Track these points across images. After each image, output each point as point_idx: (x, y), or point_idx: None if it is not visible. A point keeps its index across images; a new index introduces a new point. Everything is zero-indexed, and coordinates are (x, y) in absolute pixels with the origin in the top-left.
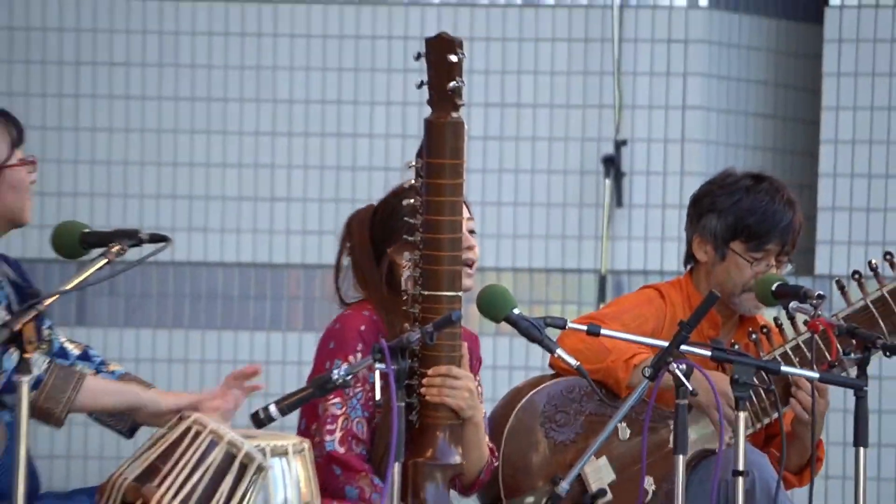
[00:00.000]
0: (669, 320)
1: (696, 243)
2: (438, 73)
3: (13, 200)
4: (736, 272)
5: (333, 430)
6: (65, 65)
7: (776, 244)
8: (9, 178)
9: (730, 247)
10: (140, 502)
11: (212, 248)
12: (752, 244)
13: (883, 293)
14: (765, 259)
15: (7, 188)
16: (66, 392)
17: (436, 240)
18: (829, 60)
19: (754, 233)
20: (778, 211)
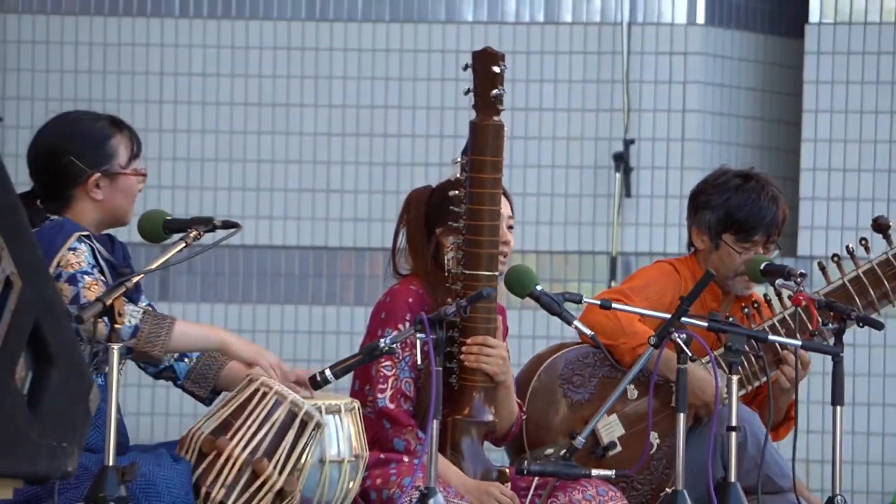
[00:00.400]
0: (684, 291)
1: (695, 233)
2: (483, 81)
3: (122, 203)
4: (728, 260)
5: (385, 388)
6: (150, 74)
7: (762, 236)
8: (122, 183)
9: (722, 238)
10: (214, 453)
11: (276, 233)
12: (740, 236)
13: (858, 273)
14: (752, 248)
15: (119, 191)
16: (161, 335)
17: (477, 226)
18: (809, 70)
19: (742, 227)
20: (763, 207)
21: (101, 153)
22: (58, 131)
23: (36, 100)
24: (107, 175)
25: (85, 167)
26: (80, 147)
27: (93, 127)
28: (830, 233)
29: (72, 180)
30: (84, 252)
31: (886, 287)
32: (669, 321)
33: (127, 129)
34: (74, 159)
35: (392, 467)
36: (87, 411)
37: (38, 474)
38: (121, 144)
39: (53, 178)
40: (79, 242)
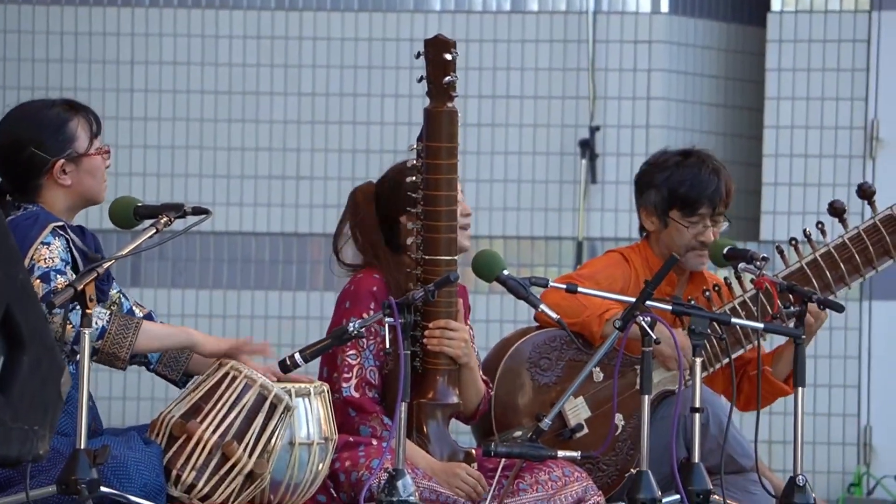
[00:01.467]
0: (634, 280)
1: (644, 215)
2: (436, 69)
3: (91, 184)
4: (678, 236)
5: (349, 377)
6: (121, 63)
7: (707, 208)
8: (87, 164)
9: (669, 216)
10: (185, 436)
11: (246, 219)
12: (686, 211)
13: (816, 256)
14: (700, 222)
15: (85, 174)
16: (128, 337)
17: (434, 212)
18: (771, 57)
19: (686, 201)
20: (704, 179)
21: (62, 139)
22: (15, 124)
23: (8, 88)
24: (70, 160)
25: (47, 156)
26: (39, 136)
27: (49, 114)
28: (792, 218)
29: (37, 170)
30: (58, 247)
31: (842, 270)
32: (634, 305)
33: (83, 109)
34: (36, 150)
35: (361, 450)
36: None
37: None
38: (79, 127)
39: (19, 170)
40: (53, 236)
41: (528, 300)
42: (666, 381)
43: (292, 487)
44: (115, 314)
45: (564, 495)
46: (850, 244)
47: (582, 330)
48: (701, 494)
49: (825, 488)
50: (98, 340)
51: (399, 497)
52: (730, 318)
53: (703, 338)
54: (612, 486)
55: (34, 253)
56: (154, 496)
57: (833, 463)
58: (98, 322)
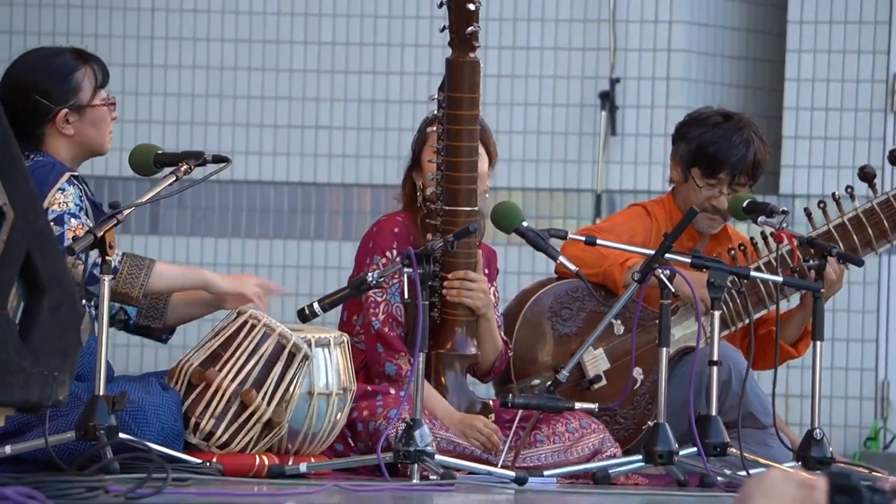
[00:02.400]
0: (655, 233)
1: (672, 165)
2: (458, 18)
3: (94, 135)
4: (693, 194)
5: (377, 312)
6: (142, 10)
7: (727, 174)
8: (91, 115)
9: (690, 172)
10: (204, 384)
11: (265, 168)
12: (706, 172)
13: (843, 220)
14: (717, 186)
15: (89, 124)
16: (140, 277)
17: (455, 162)
18: (793, 9)
19: (710, 162)
20: (733, 146)
21: (66, 88)
22: (21, 70)
23: (29, 34)
24: (74, 109)
25: (51, 104)
26: (44, 85)
27: (55, 62)
28: (812, 171)
29: (40, 118)
30: (72, 194)
31: (870, 234)
32: (653, 257)
33: (92, 59)
34: (40, 98)
35: (378, 399)
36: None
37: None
38: (85, 77)
39: (23, 117)
40: (68, 184)
41: (547, 252)
42: (686, 338)
43: (310, 437)
44: (127, 254)
45: (581, 447)
46: (879, 209)
47: (605, 279)
48: (718, 447)
49: (842, 442)
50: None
51: (416, 446)
52: (748, 270)
53: (721, 290)
54: (630, 440)
55: (50, 198)
56: (172, 441)
57: (850, 417)
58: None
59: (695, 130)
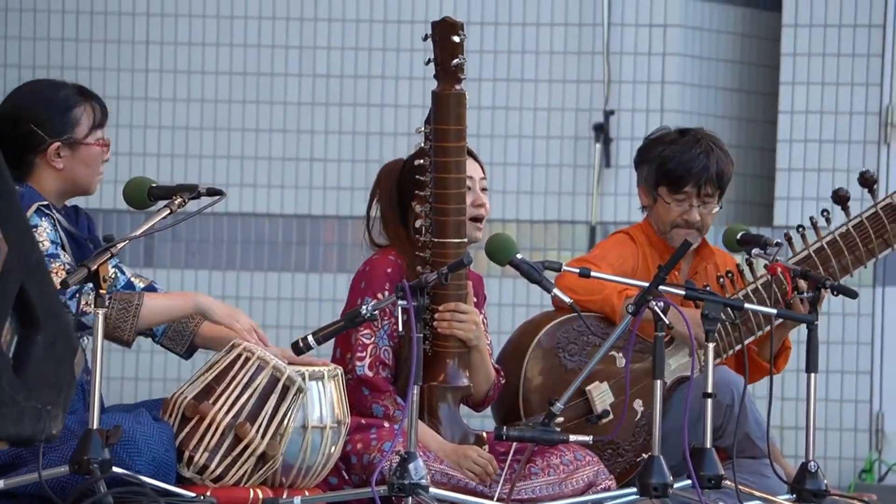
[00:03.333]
0: (641, 257)
1: (641, 192)
2: (444, 51)
3: (83, 173)
4: (665, 213)
5: (363, 356)
6: (136, 43)
7: (692, 186)
8: (83, 153)
9: (657, 192)
10: (197, 418)
11: (260, 201)
12: (672, 187)
13: (822, 244)
14: (686, 200)
15: (80, 161)
16: (128, 319)
17: (443, 194)
18: (787, 42)
19: (673, 177)
20: (693, 157)
21: (63, 122)
22: (21, 98)
23: (23, 67)
24: (67, 144)
25: (45, 135)
26: (41, 115)
27: (56, 95)
28: (806, 203)
29: (32, 147)
30: (45, 229)
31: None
32: (647, 289)
33: (93, 98)
34: (35, 127)
35: (372, 432)
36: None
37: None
38: (84, 114)
39: (14, 144)
40: (38, 216)
41: (542, 284)
42: (683, 367)
43: (304, 470)
44: (115, 297)
45: (576, 479)
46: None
47: (603, 306)
48: (713, 479)
49: (837, 474)
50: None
51: (410, 480)
52: (743, 303)
53: (715, 323)
54: (632, 471)
55: None
56: (164, 472)
57: (845, 449)
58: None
59: (654, 151)
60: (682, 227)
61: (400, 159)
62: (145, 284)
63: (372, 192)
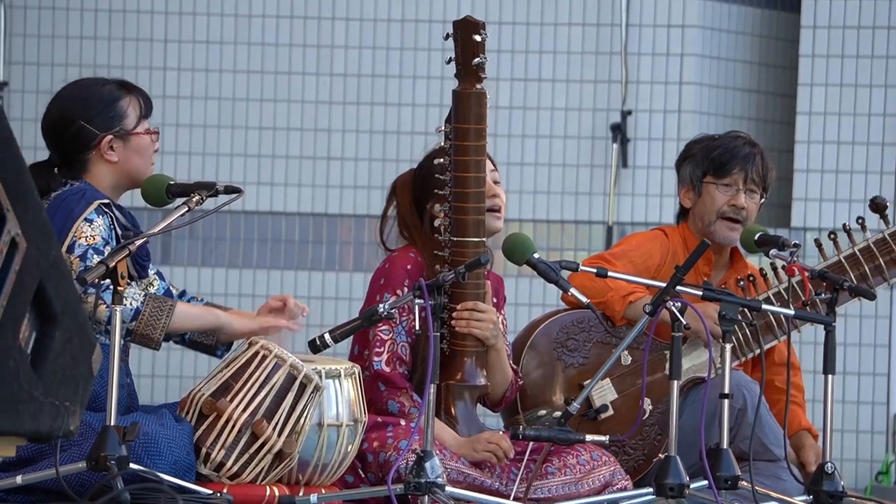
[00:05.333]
0: (672, 254)
1: (682, 194)
2: (465, 50)
3: (137, 163)
4: (710, 202)
5: (381, 351)
6: (155, 41)
7: (739, 171)
8: (135, 143)
9: (703, 182)
10: (215, 415)
11: (277, 199)
12: (718, 173)
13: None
14: (733, 185)
15: (133, 152)
16: (161, 319)
17: (463, 193)
18: (805, 43)
19: (719, 164)
20: (738, 146)
21: (111, 115)
22: (67, 98)
23: (41, 65)
24: (119, 136)
25: (96, 130)
26: (89, 111)
27: (101, 91)
28: (824, 205)
29: (85, 144)
30: (100, 225)
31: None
32: (664, 290)
33: (135, 90)
34: (85, 123)
35: (389, 430)
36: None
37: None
38: (130, 106)
39: (67, 144)
40: (97, 213)
41: (559, 284)
42: (696, 368)
43: (321, 468)
44: (150, 296)
45: (592, 479)
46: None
47: (605, 310)
48: (729, 480)
49: (853, 476)
50: (132, 322)
51: (426, 478)
52: (760, 304)
53: (733, 323)
54: (639, 471)
55: (76, 229)
56: (184, 473)
57: (861, 451)
58: (132, 303)
59: (696, 148)
60: (728, 217)
61: (412, 169)
62: (177, 293)
63: (388, 200)
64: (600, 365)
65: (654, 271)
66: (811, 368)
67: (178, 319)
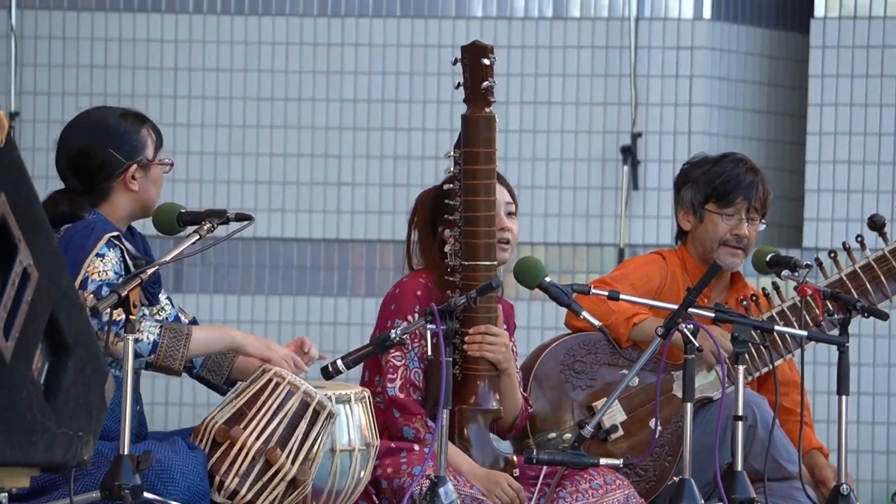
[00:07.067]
0: (671, 276)
1: (681, 216)
2: (473, 74)
3: (153, 194)
4: (713, 229)
5: (394, 378)
6: (165, 70)
7: (742, 200)
8: (153, 174)
9: (705, 209)
10: (228, 442)
11: (288, 225)
12: (721, 202)
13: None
14: (735, 215)
15: (151, 182)
16: (179, 348)
17: (473, 217)
18: (814, 64)
19: (722, 192)
20: (741, 173)
21: (135, 145)
22: (90, 128)
23: (52, 94)
24: (141, 166)
25: (123, 158)
26: (115, 140)
27: (122, 121)
28: (835, 225)
29: (110, 173)
30: (112, 260)
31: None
32: (676, 312)
33: (149, 122)
34: (113, 151)
35: (403, 456)
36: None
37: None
38: (148, 137)
39: (92, 173)
40: (108, 247)
41: (570, 307)
42: (704, 388)
43: (334, 494)
44: (166, 327)
45: (606, 503)
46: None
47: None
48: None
49: (869, 497)
50: (151, 355)
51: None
52: (773, 325)
53: (745, 345)
54: (651, 492)
55: (89, 265)
56: (198, 500)
57: (877, 471)
58: (150, 336)
59: (697, 172)
60: (730, 245)
61: (435, 186)
62: (188, 320)
63: (410, 220)
64: (608, 387)
65: (655, 293)
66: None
67: (196, 346)
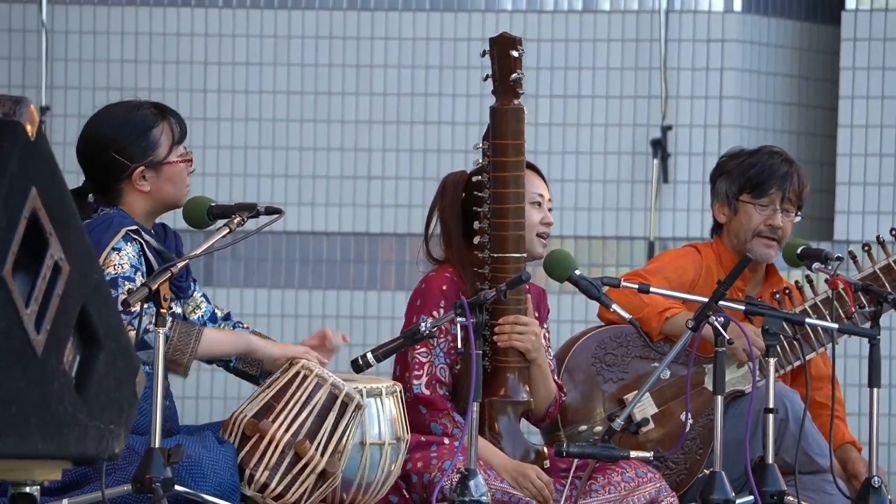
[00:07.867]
0: (705, 270)
1: (716, 209)
2: (502, 66)
3: (171, 191)
4: (746, 220)
5: (420, 375)
6: (195, 63)
7: (777, 191)
8: (167, 172)
9: (739, 200)
10: (258, 436)
11: (318, 219)
12: (756, 192)
13: (889, 262)
14: (770, 205)
15: (165, 180)
16: (189, 344)
17: (502, 209)
18: (846, 56)
19: (756, 183)
20: (775, 164)
21: (144, 145)
22: (100, 125)
23: (83, 89)
24: (150, 166)
25: (127, 161)
26: (121, 141)
27: (134, 118)
28: (867, 217)
29: (117, 175)
30: (128, 253)
31: None
32: (707, 305)
33: (169, 113)
34: (116, 155)
35: (433, 450)
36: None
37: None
38: (162, 134)
39: (100, 173)
40: (125, 241)
41: (601, 300)
42: (735, 382)
43: (364, 487)
44: (177, 322)
45: (637, 496)
46: None
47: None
48: (775, 495)
49: None
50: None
51: (471, 497)
52: (804, 318)
53: (776, 338)
54: (682, 485)
55: (105, 258)
56: (228, 495)
57: None
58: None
59: (732, 163)
60: (764, 236)
61: (464, 171)
62: (222, 314)
63: (433, 204)
64: (639, 379)
65: (689, 287)
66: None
67: (207, 344)
